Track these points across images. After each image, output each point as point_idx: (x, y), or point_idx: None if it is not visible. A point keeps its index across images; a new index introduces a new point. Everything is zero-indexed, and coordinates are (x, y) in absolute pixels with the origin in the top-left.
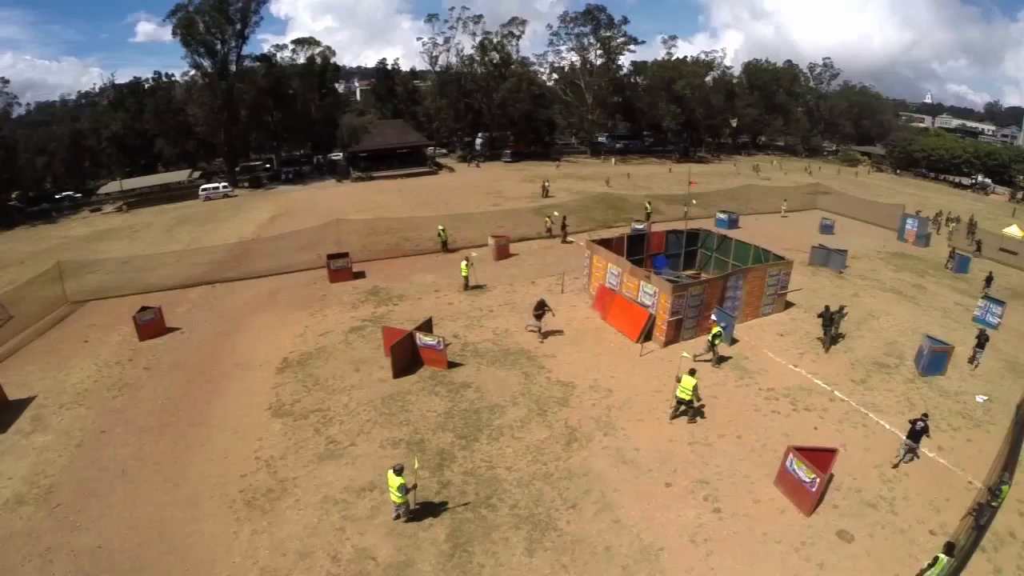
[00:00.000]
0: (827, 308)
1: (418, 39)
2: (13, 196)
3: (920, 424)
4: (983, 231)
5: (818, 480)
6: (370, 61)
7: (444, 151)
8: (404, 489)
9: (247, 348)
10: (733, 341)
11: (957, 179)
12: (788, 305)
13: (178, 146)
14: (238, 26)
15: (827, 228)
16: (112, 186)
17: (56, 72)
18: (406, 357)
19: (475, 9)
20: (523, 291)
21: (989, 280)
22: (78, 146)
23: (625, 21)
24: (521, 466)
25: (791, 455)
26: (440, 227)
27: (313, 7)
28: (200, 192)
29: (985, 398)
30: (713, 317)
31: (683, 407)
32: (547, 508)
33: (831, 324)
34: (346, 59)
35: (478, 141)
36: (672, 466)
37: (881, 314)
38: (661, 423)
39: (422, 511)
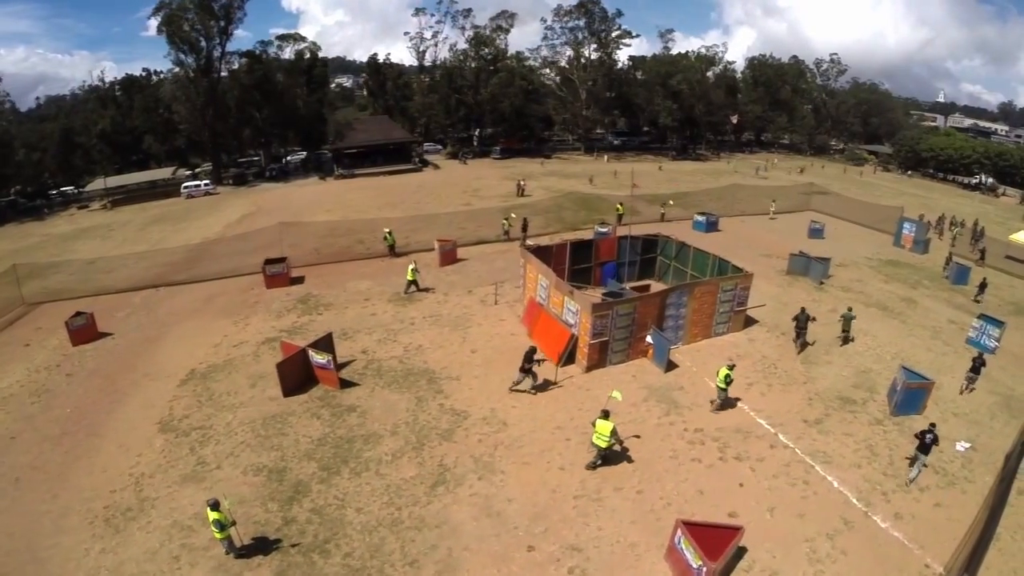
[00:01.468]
0: (803, 310)
1: (405, 33)
2: (12, 192)
3: (929, 436)
4: (989, 238)
5: (705, 570)
6: (381, 56)
7: (440, 147)
8: (220, 525)
9: (163, 357)
10: (670, 367)
11: (966, 180)
12: (750, 323)
13: (166, 143)
14: (222, 23)
15: (816, 232)
16: (98, 183)
17: (68, 66)
18: (298, 375)
19: (487, 4)
20: (455, 301)
21: (983, 287)
22: (70, 143)
23: (619, 14)
24: (373, 508)
25: (679, 530)
26: (386, 230)
27: (325, 1)
28: (182, 190)
29: (967, 446)
30: (648, 339)
31: (599, 454)
32: (382, 562)
33: (804, 329)
34: (356, 54)
35: (475, 137)
36: (544, 524)
37: (859, 334)
38: (549, 468)
39: (256, 547)
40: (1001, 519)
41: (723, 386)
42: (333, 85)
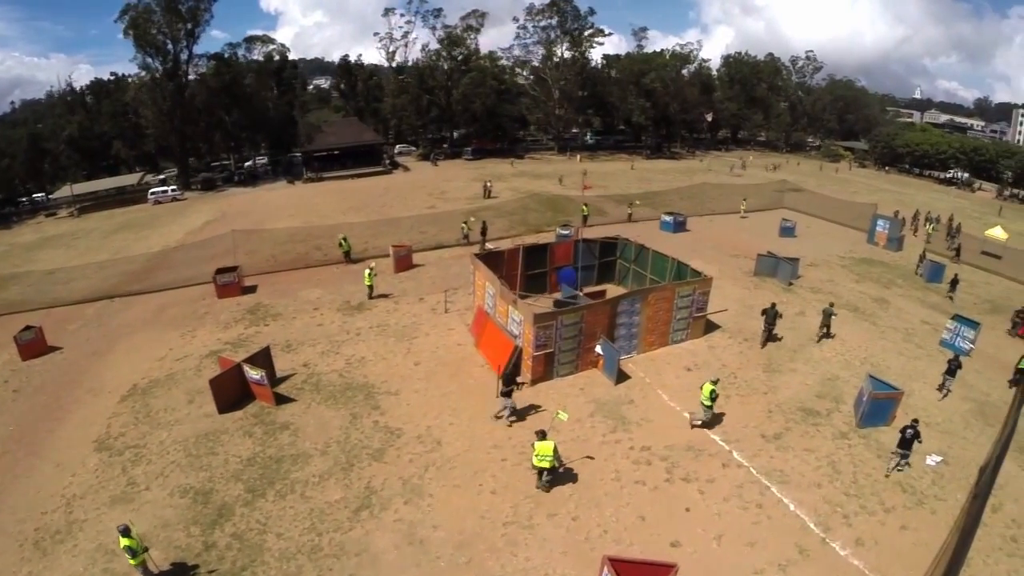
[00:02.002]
0: (773, 305)
1: (375, 34)
2: None
3: (910, 432)
4: (965, 234)
5: None
6: (352, 57)
7: (413, 148)
8: (132, 552)
9: (108, 372)
10: (621, 378)
11: (941, 175)
12: (711, 328)
13: (135, 148)
14: (188, 25)
15: (787, 230)
16: (66, 190)
17: (45, 69)
18: (234, 391)
19: (467, 5)
20: (404, 309)
21: (954, 283)
22: (38, 149)
23: (592, 12)
24: (294, 534)
25: (605, 568)
26: (341, 237)
27: (304, 2)
28: (149, 196)
29: (939, 459)
30: (598, 349)
31: (547, 474)
32: None
33: (773, 324)
34: (335, 55)
35: (449, 137)
36: (468, 554)
37: (825, 339)
38: (481, 491)
39: (173, 573)
40: (974, 541)
41: (708, 403)
42: (311, 87)
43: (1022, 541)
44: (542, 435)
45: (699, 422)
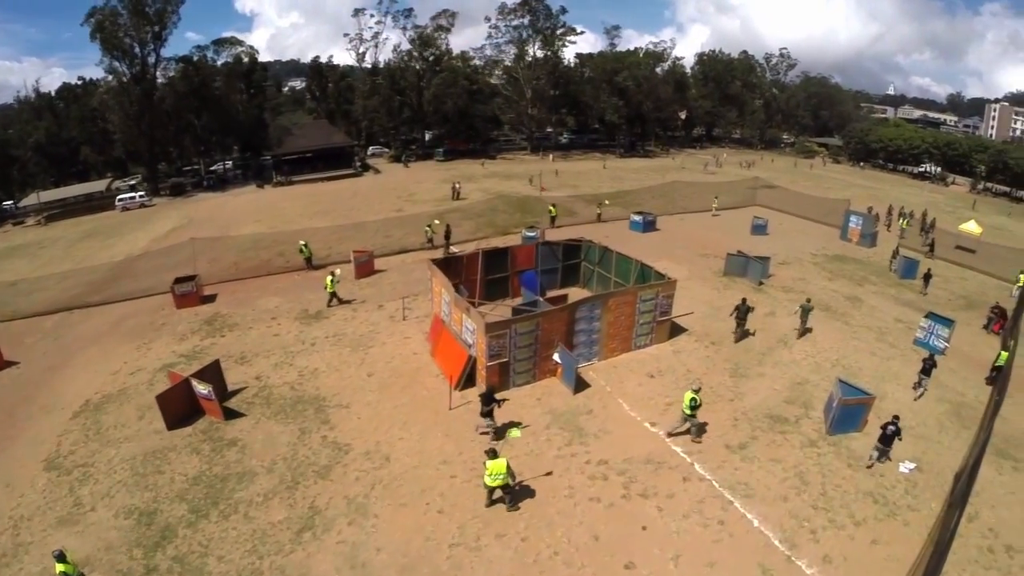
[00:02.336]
0: (744, 300)
1: (345, 35)
2: None
3: (891, 428)
4: (939, 229)
5: None
6: (324, 58)
7: (387, 149)
8: None
9: (62, 387)
10: (581, 386)
11: (914, 169)
12: (677, 331)
13: (104, 154)
14: (156, 28)
15: (759, 228)
16: (32, 198)
17: (18, 72)
18: (182, 406)
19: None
20: (363, 317)
21: (927, 278)
22: (5, 155)
23: (563, 11)
24: (235, 557)
25: None
26: (302, 243)
27: (279, 3)
28: (117, 202)
29: (912, 466)
30: (556, 357)
31: (500, 492)
32: None
33: (744, 319)
34: (311, 56)
35: (421, 139)
36: None
37: (796, 340)
38: (428, 511)
39: None
40: (949, 554)
41: (689, 412)
42: (286, 89)
43: (1000, 552)
44: (493, 453)
45: (681, 430)
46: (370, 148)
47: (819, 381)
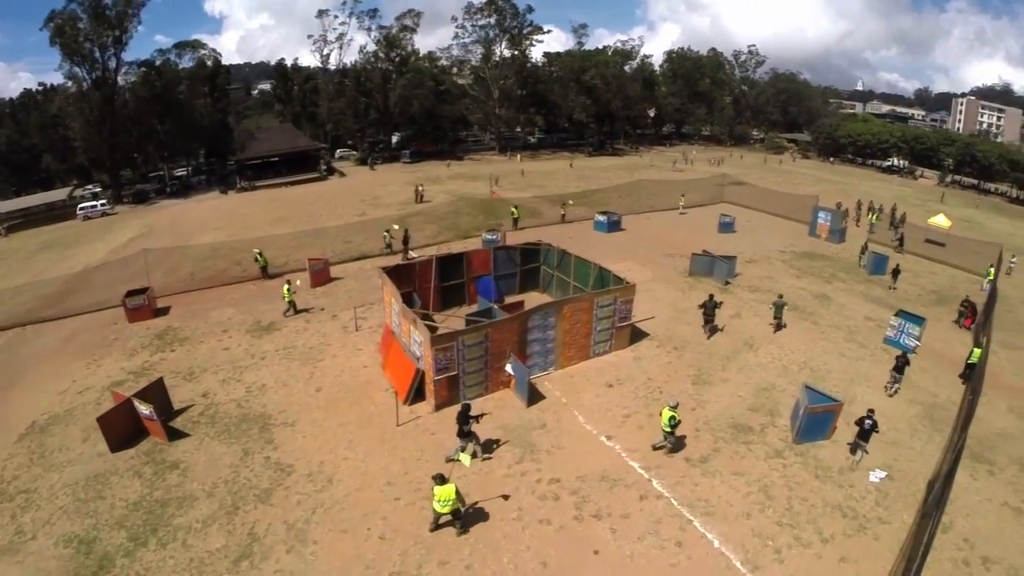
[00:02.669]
0: (711, 297)
1: (308, 36)
2: None
3: (868, 422)
4: (909, 224)
5: None
6: (303, 60)
7: (355, 152)
8: None
9: (10, 409)
10: (535, 398)
11: (882, 163)
12: (639, 336)
13: (66, 162)
14: (116, 32)
15: (726, 226)
16: None
17: None
18: (126, 427)
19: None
20: (315, 328)
21: (896, 273)
22: None
23: (530, 10)
24: None
25: None
26: (256, 251)
27: (248, 4)
28: (79, 211)
29: (883, 475)
30: (508, 368)
31: (456, 521)
32: None
33: (713, 315)
34: (280, 58)
35: (390, 141)
36: None
37: (763, 342)
38: (369, 537)
39: None
40: (923, 570)
41: (668, 430)
42: (255, 91)
43: (976, 565)
44: (440, 479)
45: (665, 445)
46: (337, 151)
47: (786, 386)
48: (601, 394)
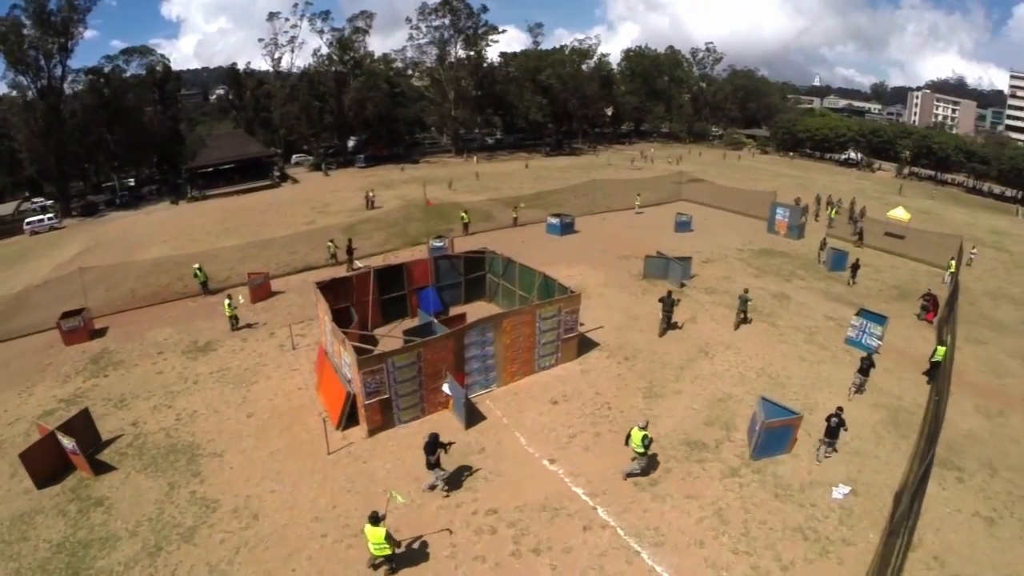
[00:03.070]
0: (669, 293)
1: (260, 40)
2: None
3: (835, 420)
4: (868, 218)
5: None
6: (256, 64)
7: (311, 157)
8: None
9: None
10: (475, 419)
11: (840, 157)
12: (588, 346)
13: (14, 174)
14: (62, 39)
15: (683, 225)
16: None
17: None
18: (51, 462)
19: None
20: (252, 348)
21: (855, 268)
22: None
23: (485, 10)
24: None
25: None
26: (196, 266)
27: (206, 8)
28: (25, 226)
29: (846, 490)
30: (445, 388)
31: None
32: None
33: (671, 312)
34: (240, 62)
35: (347, 145)
36: None
37: (719, 348)
38: None
39: None
40: None
41: (641, 450)
42: (213, 97)
43: None
44: (374, 518)
45: (637, 471)
46: (293, 157)
47: (743, 395)
48: (545, 412)
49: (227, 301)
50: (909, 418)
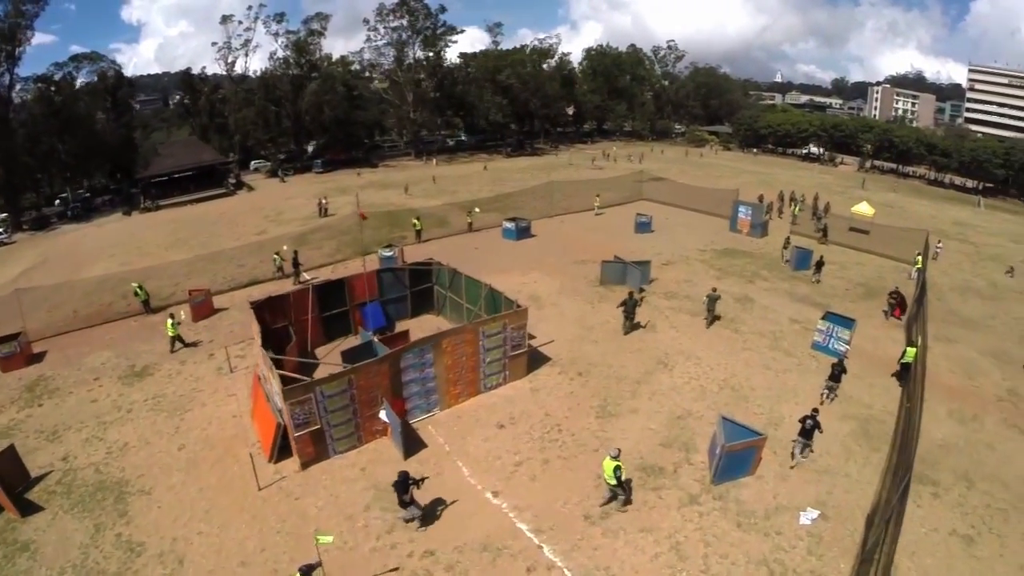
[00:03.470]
0: (631, 295)
1: (213, 44)
2: None
3: (810, 422)
4: (832, 214)
5: None
6: (211, 68)
7: (269, 163)
8: None
9: None
10: (414, 447)
11: (801, 151)
12: (539, 362)
13: None
14: (8, 47)
15: (643, 225)
16: None
17: None
18: None
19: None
20: (189, 371)
21: (819, 266)
22: None
23: (443, 10)
24: None
25: None
26: (135, 285)
27: (167, 11)
28: None
29: (815, 515)
30: (382, 415)
31: None
32: None
33: (633, 313)
34: (199, 66)
35: (311, 149)
36: None
37: (678, 358)
38: None
39: None
40: None
41: (613, 482)
42: (172, 103)
43: None
44: (306, 572)
45: (615, 499)
46: (252, 163)
47: (704, 412)
48: (491, 437)
49: (170, 320)
50: (880, 428)
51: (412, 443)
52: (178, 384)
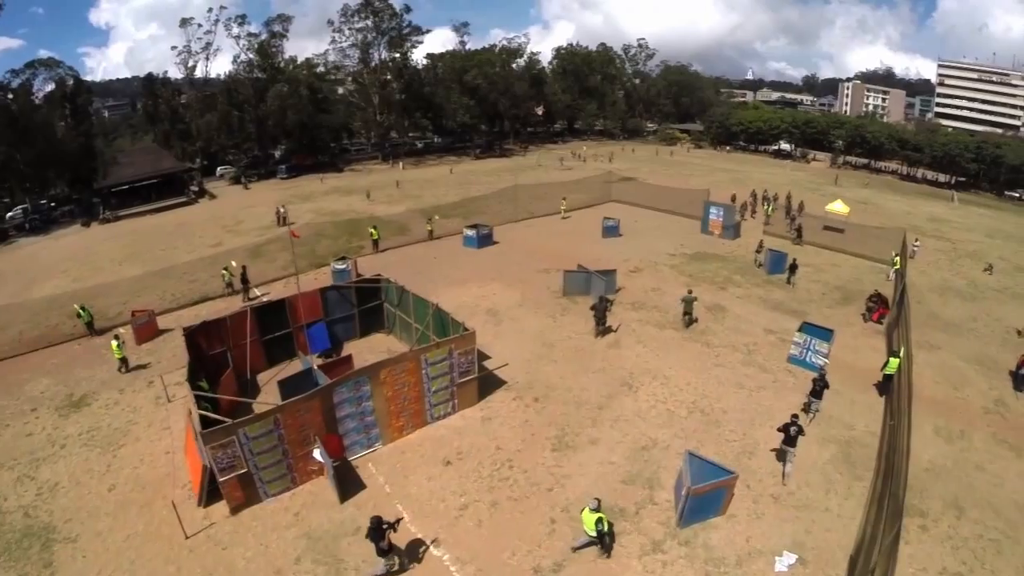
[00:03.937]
0: (601, 299)
1: (172, 48)
2: None
3: (793, 429)
4: (807, 214)
5: None
6: (172, 73)
7: (234, 169)
8: None
9: None
10: (352, 489)
11: (772, 148)
12: (492, 386)
13: None
14: None
15: (611, 229)
16: None
17: None
18: None
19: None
20: (127, 401)
21: (793, 268)
22: None
23: (408, 10)
24: None
25: None
26: (77, 306)
27: (136, 14)
28: None
29: (792, 560)
30: (316, 455)
31: None
32: None
33: (604, 317)
34: (171, 69)
35: (278, 154)
36: None
37: (644, 378)
38: None
39: None
40: None
41: (593, 534)
42: (139, 108)
43: None
44: None
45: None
46: (218, 169)
47: (670, 440)
48: (435, 476)
49: (114, 342)
50: (863, 452)
51: (349, 484)
52: (114, 415)
